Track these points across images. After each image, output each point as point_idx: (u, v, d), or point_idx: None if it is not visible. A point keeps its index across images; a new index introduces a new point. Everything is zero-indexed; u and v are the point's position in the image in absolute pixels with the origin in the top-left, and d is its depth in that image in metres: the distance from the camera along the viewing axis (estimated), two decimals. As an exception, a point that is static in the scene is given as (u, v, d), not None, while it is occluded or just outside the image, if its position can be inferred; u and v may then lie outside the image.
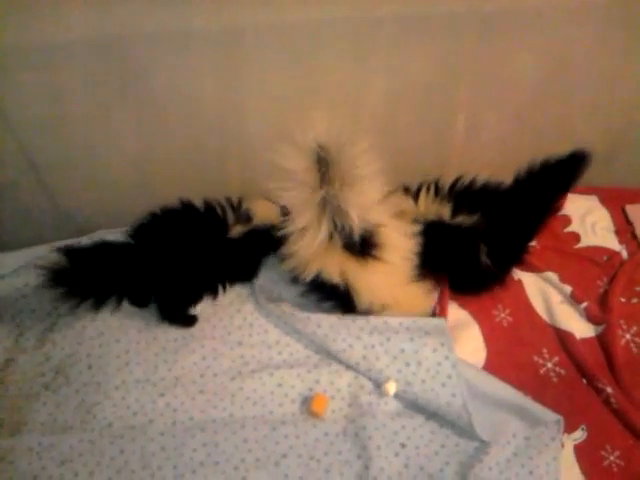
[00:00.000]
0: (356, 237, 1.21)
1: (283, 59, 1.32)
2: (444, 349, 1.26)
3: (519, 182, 1.43)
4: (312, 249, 1.22)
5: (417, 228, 1.34)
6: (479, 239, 1.37)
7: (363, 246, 1.24)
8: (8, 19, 1.16)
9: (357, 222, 1.19)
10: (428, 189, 1.44)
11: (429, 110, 1.49)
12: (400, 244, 1.30)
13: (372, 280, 1.27)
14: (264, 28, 1.26)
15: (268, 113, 1.39)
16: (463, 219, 1.37)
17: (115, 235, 1.42)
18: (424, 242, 1.34)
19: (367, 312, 1.32)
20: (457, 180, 1.44)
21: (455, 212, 1.38)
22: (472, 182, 1.43)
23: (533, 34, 1.40)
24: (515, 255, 1.47)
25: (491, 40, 1.38)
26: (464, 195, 1.42)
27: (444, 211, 1.39)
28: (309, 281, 1.29)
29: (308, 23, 1.28)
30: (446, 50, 1.39)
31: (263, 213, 1.39)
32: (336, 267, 1.26)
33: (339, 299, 1.32)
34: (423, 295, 1.35)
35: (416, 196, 1.44)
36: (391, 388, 1.25)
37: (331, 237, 1.22)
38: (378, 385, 1.28)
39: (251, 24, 1.25)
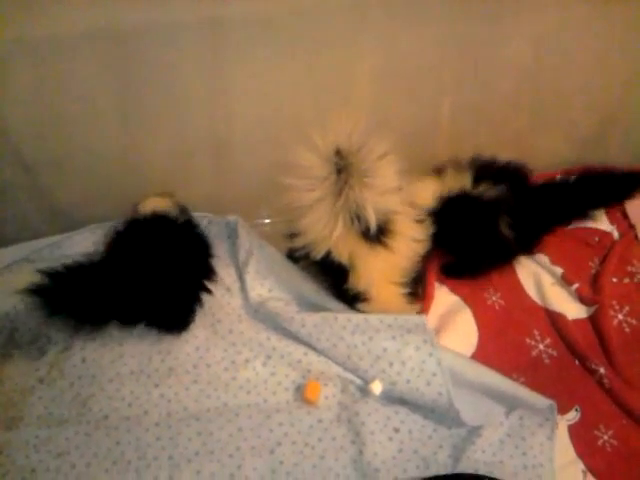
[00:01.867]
0: (373, 229, 1.22)
1: (268, 49, 1.32)
2: (427, 346, 1.25)
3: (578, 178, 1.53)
4: (328, 239, 1.23)
5: (428, 227, 1.35)
6: (501, 210, 1.37)
7: (376, 233, 1.25)
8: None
9: (374, 218, 1.20)
10: (451, 164, 1.43)
11: (417, 93, 1.49)
12: (409, 232, 1.30)
13: (372, 264, 1.28)
14: (248, 19, 1.26)
15: (255, 105, 1.40)
16: (485, 189, 1.37)
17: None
18: (442, 218, 1.37)
19: (353, 297, 1.32)
20: (475, 157, 1.44)
21: (477, 181, 1.38)
22: (492, 159, 1.44)
23: (523, 16, 1.40)
24: (539, 234, 1.49)
25: (481, 23, 1.38)
26: (485, 167, 1.42)
27: (465, 181, 1.39)
28: (317, 259, 1.29)
29: (293, 11, 1.27)
30: (435, 33, 1.38)
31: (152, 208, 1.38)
32: (346, 248, 1.26)
33: (336, 276, 1.32)
34: (403, 306, 1.34)
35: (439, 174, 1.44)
36: (376, 388, 1.25)
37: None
38: (365, 384, 1.29)
39: (234, 15, 1.25)
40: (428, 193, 1.39)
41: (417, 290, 1.40)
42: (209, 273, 1.41)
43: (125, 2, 1.19)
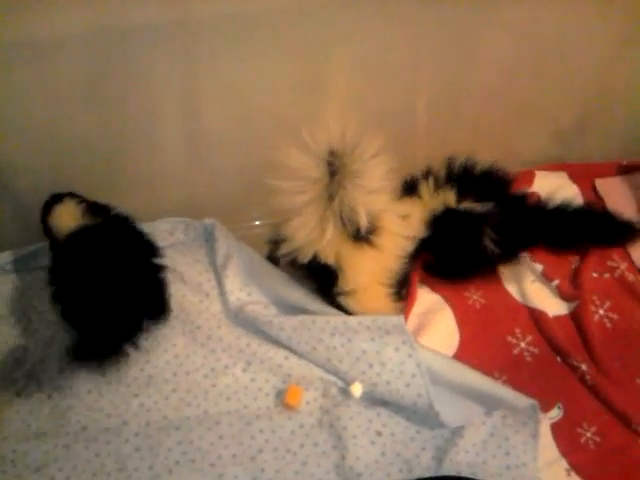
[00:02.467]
0: (363, 230, 1.21)
1: (246, 49, 1.31)
2: (406, 347, 1.24)
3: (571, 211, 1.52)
4: (317, 242, 1.22)
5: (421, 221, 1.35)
6: (486, 225, 1.36)
7: (359, 231, 1.24)
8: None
9: (366, 219, 1.19)
10: (426, 179, 1.41)
11: (395, 91, 1.48)
12: (395, 228, 1.29)
13: (359, 262, 1.27)
14: (220, 19, 1.25)
15: (227, 106, 1.38)
16: (471, 205, 1.36)
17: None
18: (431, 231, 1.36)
19: (340, 294, 1.31)
20: (450, 162, 1.42)
21: (460, 197, 1.37)
22: (469, 165, 1.42)
23: (501, 12, 1.39)
24: (522, 248, 1.49)
25: (457, 21, 1.38)
26: (466, 179, 1.40)
27: (449, 198, 1.37)
28: (304, 263, 1.28)
29: (269, 11, 1.26)
30: (412, 32, 1.38)
31: (61, 217, 1.33)
32: (333, 249, 1.25)
33: (323, 279, 1.31)
34: (387, 308, 1.33)
35: (415, 191, 1.41)
36: (356, 390, 1.24)
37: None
38: (346, 385, 1.28)
39: (206, 15, 1.24)
40: (412, 219, 1.36)
41: (402, 293, 1.39)
42: (155, 253, 1.35)
43: (104, 6, 1.18)
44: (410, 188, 1.42)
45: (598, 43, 1.51)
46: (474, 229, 1.37)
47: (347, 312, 1.32)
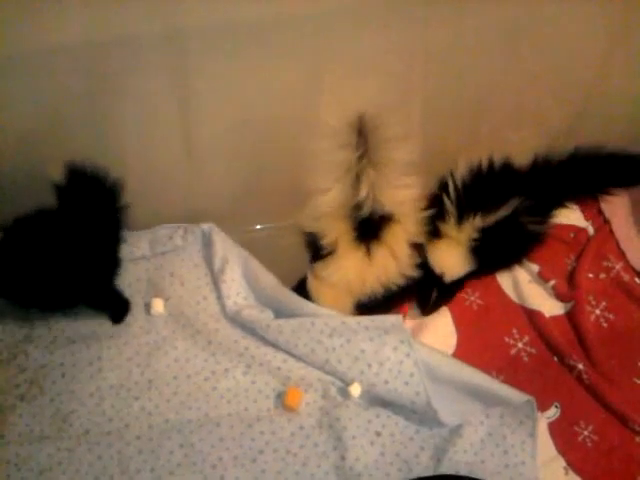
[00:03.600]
0: (361, 213, 1.23)
1: (237, 56, 1.31)
2: (404, 346, 1.25)
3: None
4: (325, 207, 1.25)
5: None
6: (522, 214, 1.36)
7: (365, 230, 1.26)
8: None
9: (363, 195, 1.21)
10: (443, 219, 1.37)
11: (387, 96, 1.48)
12: (397, 247, 1.30)
13: (345, 262, 1.29)
14: (209, 30, 1.26)
15: (224, 111, 1.39)
16: (498, 214, 1.34)
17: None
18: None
19: (313, 275, 1.34)
20: (447, 189, 1.38)
21: (484, 216, 1.34)
22: (466, 178, 1.39)
23: (498, 10, 1.40)
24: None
25: (446, 22, 1.39)
26: (478, 191, 1.37)
27: (475, 223, 1.34)
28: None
29: (254, 22, 1.27)
30: (400, 35, 1.39)
31: None
32: (334, 232, 1.27)
33: (315, 250, 1.33)
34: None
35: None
36: (355, 391, 1.25)
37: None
38: (344, 386, 1.29)
39: (195, 26, 1.25)
40: (452, 262, 1.36)
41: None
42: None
43: (98, 17, 1.19)
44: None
45: (591, 45, 1.51)
46: (516, 227, 1.37)
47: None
